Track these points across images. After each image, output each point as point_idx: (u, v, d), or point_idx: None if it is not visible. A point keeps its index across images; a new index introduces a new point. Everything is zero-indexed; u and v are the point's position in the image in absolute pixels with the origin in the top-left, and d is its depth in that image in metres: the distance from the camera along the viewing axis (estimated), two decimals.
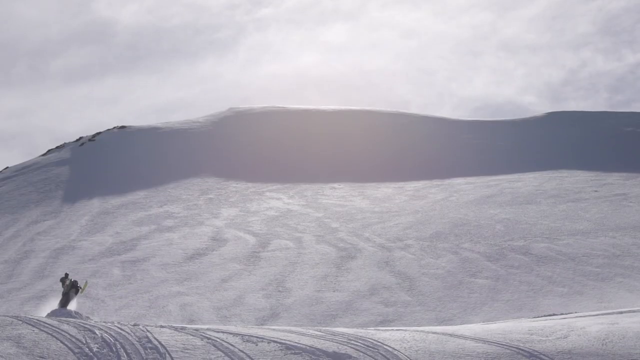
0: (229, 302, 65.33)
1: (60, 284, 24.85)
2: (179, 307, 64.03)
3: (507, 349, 30.17)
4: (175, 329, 33.94)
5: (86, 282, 23.23)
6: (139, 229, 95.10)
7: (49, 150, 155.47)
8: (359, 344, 30.88)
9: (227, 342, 30.84)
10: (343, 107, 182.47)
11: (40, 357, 28.52)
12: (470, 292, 66.66)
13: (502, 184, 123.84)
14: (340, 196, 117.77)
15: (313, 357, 28.81)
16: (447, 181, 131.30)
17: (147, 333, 32.06)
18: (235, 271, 74.74)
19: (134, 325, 34.36)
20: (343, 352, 29.51)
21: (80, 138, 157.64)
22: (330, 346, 30.24)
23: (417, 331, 34.76)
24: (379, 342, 31.15)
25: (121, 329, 32.87)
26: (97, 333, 31.59)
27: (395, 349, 30.06)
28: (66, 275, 25.12)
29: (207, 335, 31.98)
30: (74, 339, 30.59)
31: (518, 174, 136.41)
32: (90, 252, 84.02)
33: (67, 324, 33.46)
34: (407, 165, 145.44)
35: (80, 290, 23.37)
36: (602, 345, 30.54)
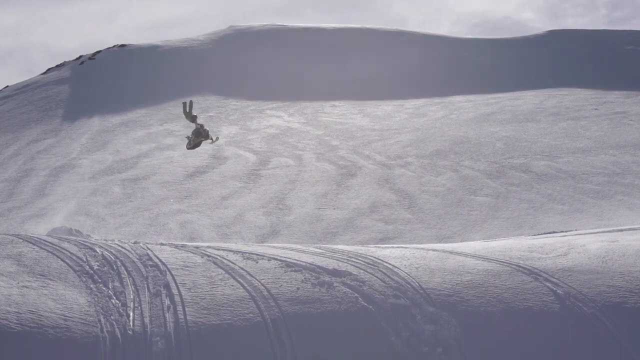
0: (229, 219, 65.28)
1: (187, 117, 23.90)
2: (180, 224, 64.00)
3: (507, 266, 30.05)
4: (176, 246, 33.80)
5: (217, 137, 22.94)
6: (139, 147, 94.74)
7: (48, 69, 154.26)
8: (359, 261, 30.74)
9: (228, 260, 30.70)
10: (342, 25, 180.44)
11: (41, 274, 28.39)
12: (470, 209, 66.58)
13: (502, 102, 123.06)
14: (340, 114, 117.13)
15: (313, 274, 28.70)
16: (447, 99, 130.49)
17: (148, 251, 31.92)
18: (236, 189, 74.59)
19: (135, 243, 34.19)
20: (343, 269, 29.39)
21: (80, 57, 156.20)
22: (331, 263, 30.11)
23: (418, 248, 34.62)
24: (379, 259, 31.01)
25: (121, 246, 32.72)
26: (98, 251, 31.45)
27: (396, 266, 29.93)
28: (195, 117, 24.77)
29: (207, 253, 31.84)
30: (74, 257, 30.45)
31: (518, 92, 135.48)
32: (91, 171, 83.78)
33: (68, 242, 33.30)
34: (407, 84, 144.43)
35: (210, 139, 23.09)
36: (602, 262, 30.42)
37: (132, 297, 26.76)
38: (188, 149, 24.96)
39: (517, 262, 30.61)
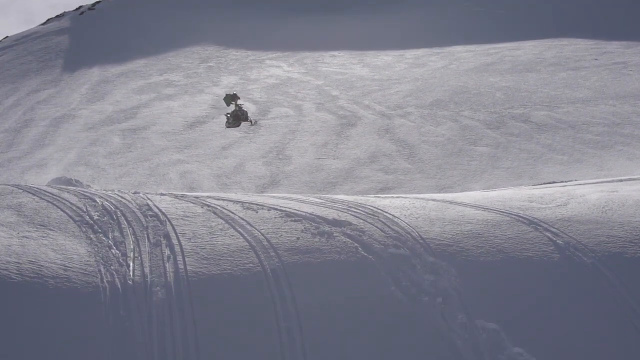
0: (229, 169, 65.06)
1: (226, 102, 23.48)
2: (179, 174, 63.80)
3: (507, 216, 29.88)
4: (176, 196, 33.62)
5: (256, 121, 22.52)
6: (139, 97, 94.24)
7: (48, 20, 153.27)
8: (359, 211, 30.58)
9: (228, 210, 30.54)
10: None
11: (41, 225, 28.24)
12: (470, 159, 66.34)
13: (502, 52, 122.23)
14: (340, 64, 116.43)
15: (313, 224, 28.54)
16: (446, 49, 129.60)
17: (148, 201, 31.75)
18: (236, 139, 74.27)
19: (135, 193, 34.00)
20: (343, 219, 29.22)
21: (80, 7, 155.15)
22: (330, 213, 29.94)
23: (417, 198, 34.45)
24: (379, 209, 30.84)
25: (121, 197, 32.54)
26: (98, 201, 31.28)
27: (395, 216, 29.77)
28: (235, 95, 24.05)
29: (207, 203, 31.67)
30: (74, 207, 30.29)
31: (518, 42, 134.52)
32: (91, 121, 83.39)
33: (68, 192, 33.10)
34: (407, 33, 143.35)
35: (250, 121, 22.60)
36: (602, 212, 30.25)
37: (132, 247, 26.63)
38: (227, 127, 24.55)
39: (516, 212, 30.44)
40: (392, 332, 23.21)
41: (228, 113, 24.58)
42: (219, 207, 30.97)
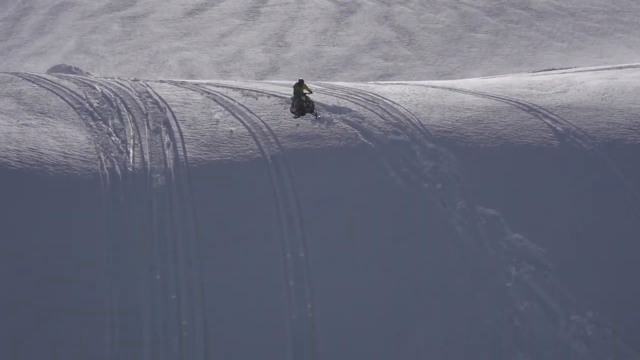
0: (229, 56, 64.27)
1: (295, 91, 23.15)
2: (179, 62, 63.06)
3: (507, 103, 29.42)
4: (175, 83, 33.13)
5: (321, 116, 22.18)
6: None
7: None
8: (359, 97, 30.13)
9: (227, 97, 30.09)
10: None
11: (41, 112, 27.88)
12: (469, 46, 65.44)
13: None
14: None
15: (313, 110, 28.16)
16: None
17: (148, 88, 31.26)
18: (235, 26, 73.15)
19: (134, 80, 33.51)
20: (343, 105, 28.82)
21: None
22: (330, 100, 29.50)
23: (417, 85, 33.96)
24: (379, 95, 30.38)
25: (121, 84, 32.04)
26: (97, 89, 30.79)
27: (395, 103, 29.32)
28: (302, 81, 23.54)
29: (207, 90, 31.21)
30: (74, 95, 29.83)
31: None
32: (90, 9, 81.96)
33: (67, 79, 32.60)
34: None
35: (315, 114, 22.33)
36: (602, 99, 29.77)
37: (132, 134, 26.29)
38: (291, 112, 23.79)
39: (516, 98, 30.00)
40: (392, 217, 23.05)
41: (292, 98, 23.67)
42: (218, 94, 30.50)
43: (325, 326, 19.75)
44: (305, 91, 24.58)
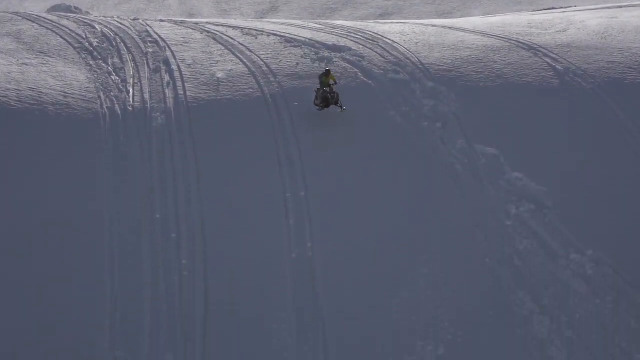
0: None
1: (321, 81, 22.15)
2: (179, 1, 62.25)
3: (507, 42, 28.93)
4: (175, 22, 32.52)
5: (345, 109, 21.39)
6: None
7: None
8: (358, 36, 29.62)
9: (227, 36, 29.57)
10: None
11: (41, 52, 27.44)
12: None
13: None
14: None
15: (313, 49, 27.71)
16: None
17: (147, 27, 30.69)
18: None
19: (134, 19, 32.89)
20: (342, 44, 28.36)
21: None
22: (330, 39, 29.01)
23: (417, 24, 33.36)
24: (379, 34, 29.86)
25: (121, 23, 31.44)
26: (97, 28, 30.23)
27: (395, 42, 28.84)
28: (328, 71, 22.42)
29: (207, 29, 30.65)
30: (74, 34, 29.31)
31: None
32: None
33: (67, 19, 32.03)
34: None
35: (340, 107, 21.46)
36: (602, 39, 29.29)
37: (131, 73, 25.84)
38: (315, 104, 22.56)
39: (516, 37, 29.49)
40: (392, 156, 22.77)
41: (317, 89, 22.57)
42: (218, 33, 29.97)
43: (325, 265, 19.54)
44: (330, 82, 23.55)
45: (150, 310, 18.09)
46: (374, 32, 30.21)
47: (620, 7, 40.45)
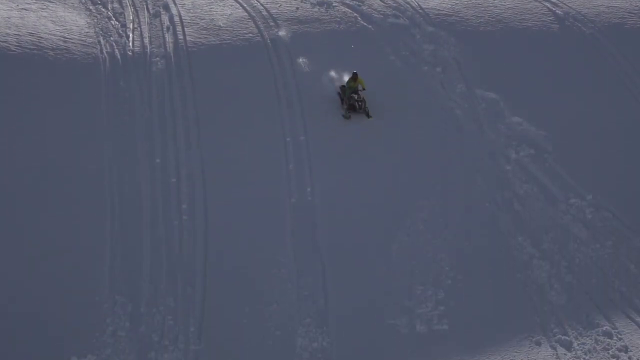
0: None
1: (348, 87, 21.09)
2: None
3: None
4: None
5: (371, 117, 20.41)
6: None
7: None
8: None
9: None
10: None
11: None
12: None
13: None
14: None
15: None
16: None
17: None
18: None
19: None
20: None
21: None
22: None
23: None
24: None
25: None
26: None
27: None
28: (355, 75, 21.14)
29: None
30: None
31: None
32: None
33: None
34: None
35: (367, 114, 20.54)
36: None
37: (131, 18, 25.23)
38: (343, 114, 21.28)
39: None
40: (392, 100, 22.32)
41: (340, 92, 21.32)
42: None
43: (324, 210, 19.21)
44: (359, 87, 22.18)
45: (150, 255, 17.75)
46: None
47: None
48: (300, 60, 23.58)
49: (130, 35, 24.18)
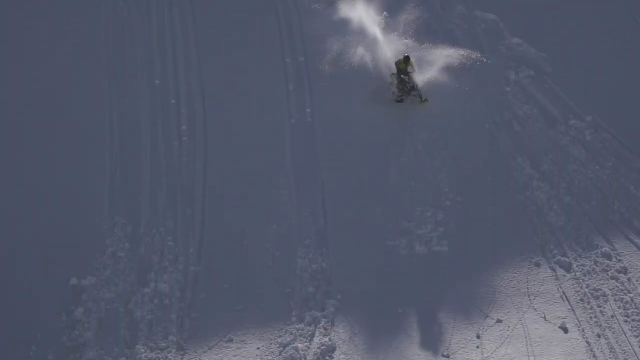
0: None
1: (398, 68, 19.56)
2: None
3: None
4: None
5: (426, 99, 18.81)
6: None
7: None
8: None
9: None
10: None
11: None
12: None
13: None
14: None
15: None
16: None
17: None
18: None
19: None
20: None
21: None
22: None
23: None
24: None
25: None
26: None
27: None
28: (407, 58, 19.41)
29: None
30: None
31: None
32: None
33: None
34: None
35: (419, 99, 19.01)
36: None
37: None
38: (394, 98, 19.41)
39: None
40: (393, 21, 21.54)
41: (392, 75, 19.66)
42: None
43: (324, 131, 18.46)
44: (409, 69, 20.43)
45: (150, 176, 17.06)
46: None
47: None
48: None
49: None
